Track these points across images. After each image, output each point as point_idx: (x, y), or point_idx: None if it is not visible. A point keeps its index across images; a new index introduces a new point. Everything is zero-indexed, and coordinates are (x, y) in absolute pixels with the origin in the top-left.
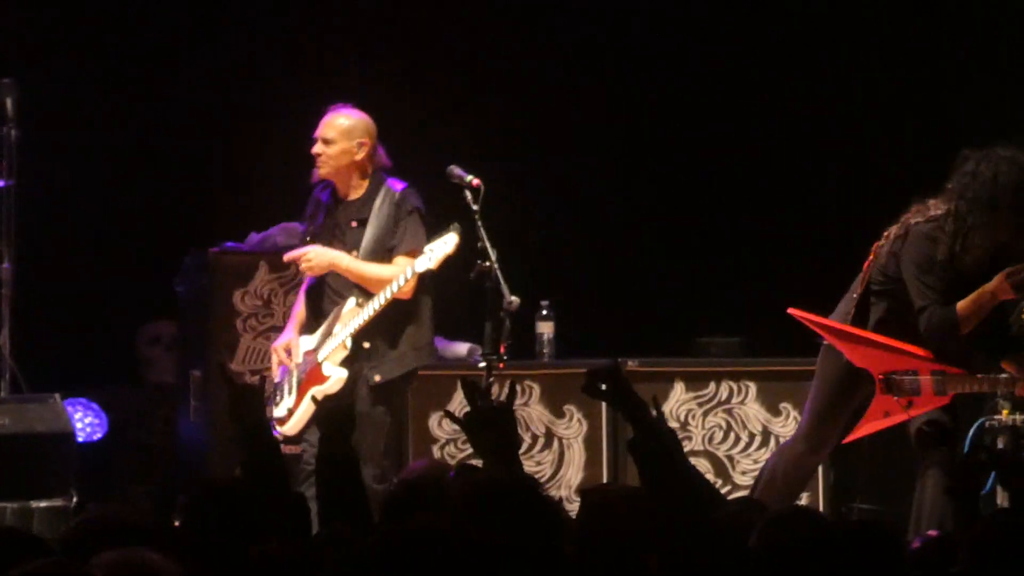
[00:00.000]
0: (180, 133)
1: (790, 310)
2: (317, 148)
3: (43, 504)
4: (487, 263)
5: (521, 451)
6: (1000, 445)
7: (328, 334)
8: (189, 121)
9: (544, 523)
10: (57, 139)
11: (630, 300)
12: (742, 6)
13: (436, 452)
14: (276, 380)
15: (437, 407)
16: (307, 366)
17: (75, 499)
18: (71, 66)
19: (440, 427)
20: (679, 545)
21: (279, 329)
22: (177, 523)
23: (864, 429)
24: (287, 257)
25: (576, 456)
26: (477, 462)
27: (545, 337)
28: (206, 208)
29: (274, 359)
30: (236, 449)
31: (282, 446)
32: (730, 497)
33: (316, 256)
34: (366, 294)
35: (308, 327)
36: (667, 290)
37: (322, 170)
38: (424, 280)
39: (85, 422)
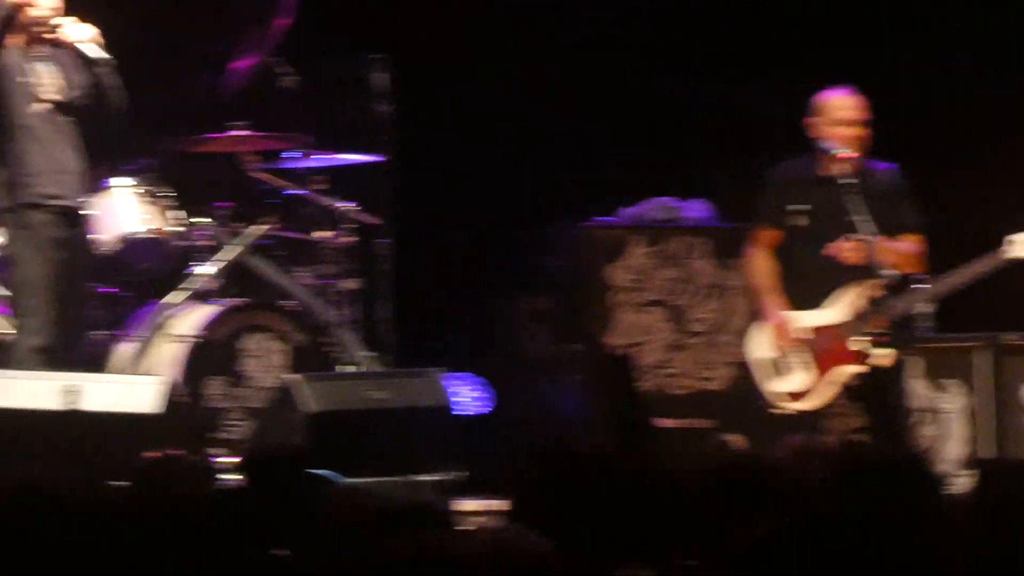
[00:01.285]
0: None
1: None
2: (858, 131)
3: (430, 478)
4: None
5: None
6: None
7: (854, 313)
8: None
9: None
10: (426, 116)
11: None
12: None
13: None
14: (775, 356)
15: None
16: (827, 343)
17: (465, 473)
18: (443, 41)
19: None
20: None
21: (656, 303)
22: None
23: None
24: (833, 250)
25: (957, 429)
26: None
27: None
28: (575, 182)
29: (774, 334)
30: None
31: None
32: None
33: (876, 247)
34: (872, 273)
35: (802, 301)
36: None
37: (859, 153)
38: None
39: (472, 396)
